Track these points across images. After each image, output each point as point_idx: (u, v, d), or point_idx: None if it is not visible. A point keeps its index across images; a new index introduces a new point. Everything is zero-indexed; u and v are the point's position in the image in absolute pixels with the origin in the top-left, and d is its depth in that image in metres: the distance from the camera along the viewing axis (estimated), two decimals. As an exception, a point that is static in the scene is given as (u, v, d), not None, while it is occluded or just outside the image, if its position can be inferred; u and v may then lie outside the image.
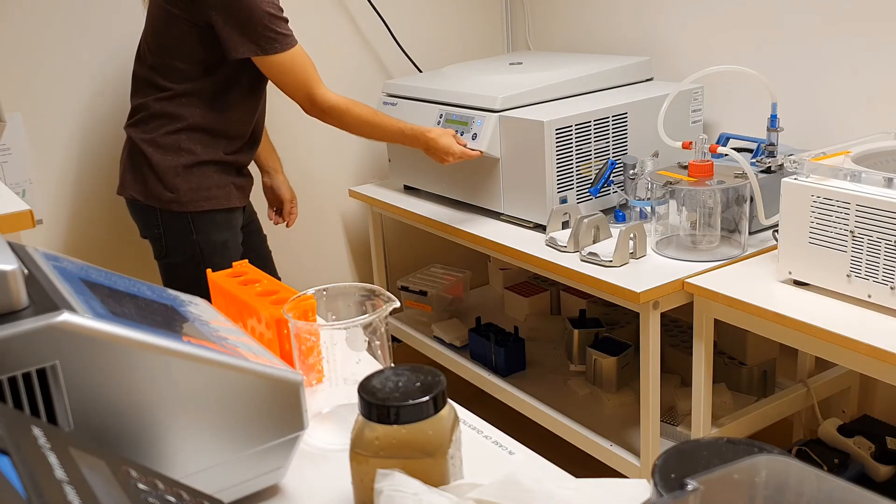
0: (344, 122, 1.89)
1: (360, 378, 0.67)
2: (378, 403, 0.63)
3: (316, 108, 1.86)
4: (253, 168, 2.08)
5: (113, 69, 2.23)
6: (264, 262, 2.19)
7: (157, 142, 1.86)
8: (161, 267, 1.96)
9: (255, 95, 1.94)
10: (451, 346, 2.45)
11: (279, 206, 2.30)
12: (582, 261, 1.81)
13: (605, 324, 2.30)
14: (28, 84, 2.14)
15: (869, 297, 1.44)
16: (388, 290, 0.83)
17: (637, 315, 1.73)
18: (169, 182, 1.86)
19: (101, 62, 2.22)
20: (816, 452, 1.84)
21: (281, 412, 0.70)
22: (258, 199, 2.20)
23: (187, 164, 1.86)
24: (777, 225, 1.60)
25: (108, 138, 2.26)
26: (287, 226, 2.30)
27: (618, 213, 2.02)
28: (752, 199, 1.74)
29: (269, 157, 2.26)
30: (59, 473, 0.44)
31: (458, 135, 2.01)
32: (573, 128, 1.94)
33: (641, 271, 1.74)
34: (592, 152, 2.00)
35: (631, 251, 1.78)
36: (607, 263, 1.76)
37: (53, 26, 2.14)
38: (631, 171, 1.96)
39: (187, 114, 1.86)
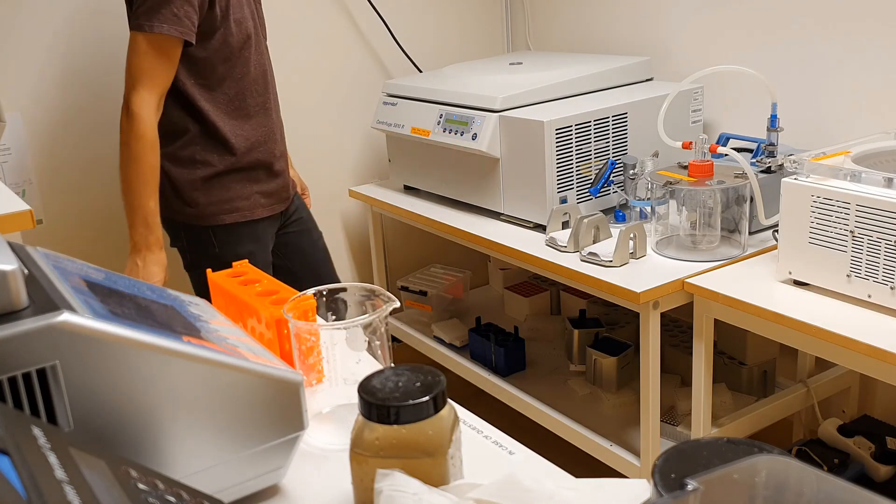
0: (128, 141, 1.67)
1: (360, 378, 0.67)
2: (378, 403, 0.63)
3: (125, 105, 1.66)
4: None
5: (113, 69, 2.23)
6: (316, 264, 2.07)
7: (173, 155, 1.80)
8: (191, 278, 1.92)
9: (243, 90, 1.82)
10: (451, 346, 2.45)
11: None
12: (582, 261, 1.81)
13: (605, 324, 2.30)
14: (28, 84, 2.14)
15: (869, 297, 1.44)
16: (388, 290, 0.83)
17: (637, 315, 1.73)
18: (188, 196, 1.80)
19: (102, 62, 2.22)
20: (816, 452, 1.84)
21: (281, 412, 0.70)
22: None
23: (206, 176, 1.80)
24: (777, 225, 1.60)
25: (107, 138, 2.26)
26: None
27: (618, 213, 2.02)
28: (752, 199, 1.74)
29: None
30: (59, 473, 0.44)
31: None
32: (573, 128, 1.94)
33: (641, 271, 1.74)
34: (592, 152, 2.00)
35: (631, 251, 1.78)
36: (607, 263, 1.76)
37: (53, 26, 2.14)
38: (631, 171, 1.96)
39: (192, 124, 1.79)
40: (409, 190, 2.47)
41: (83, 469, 0.46)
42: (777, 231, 1.62)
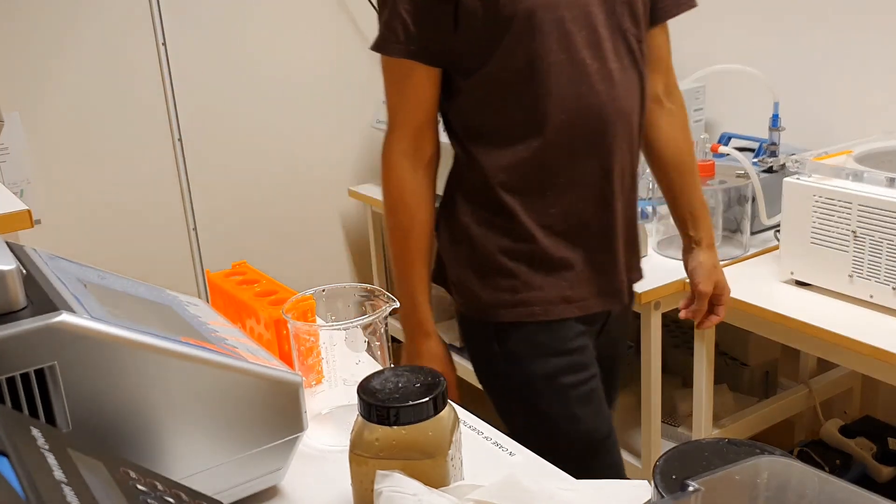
0: (384, 188, 1.26)
1: (360, 379, 0.67)
2: (378, 404, 0.63)
3: (387, 145, 1.23)
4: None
5: (112, 69, 2.23)
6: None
7: (442, 208, 1.29)
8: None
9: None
10: (451, 347, 2.44)
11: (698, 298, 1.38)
12: (583, 261, 1.81)
13: (606, 324, 2.30)
14: (27, 84, 2.14)
15: (871, 297, 1.44)
16: (387, 290, 0.83)
17: (638, 315, 1.72)
18: (453, 270, 1.27)
19: (101, 62, 2.22)
20: (818, 453, 1.83)
21: (280, 413, 0.70)
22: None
23: (470, 241, 1.23)
24: (779, 225, 1.60)
25: (107, 138, 2.26)
26: (696, 326, 1.45)
27: (619, 214, 2.02)
28: (753, 199, 1.74)
29: (687, 217, 1.37)
30: (58, 474, 0.44)
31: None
32: (574, 128, 1.94)
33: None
34: (593, 152, 1.99)
35: (632, 251, 1.78)
36: (608, 264, 1.76)
37: (53, 26, 2.14)
38: (632, 172, 1.96)
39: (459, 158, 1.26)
40: (409, 190, 2.46)
41: (82, 470, 0.46)
42: (779, 231, 1.61)
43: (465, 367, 2.34)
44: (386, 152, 1.21)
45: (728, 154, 1.73)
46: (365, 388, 0.65)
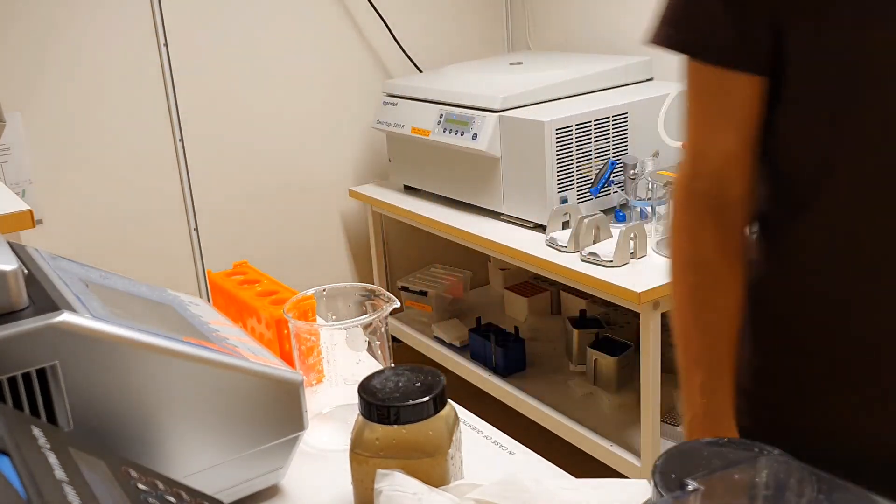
0: (677, 239, 0.88)
1: (360, 378, 0.67)
2: (378, 404, 0.63)
3: (678, 181, 0.87)
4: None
5: (114, 69, 2.23)
6: None
7: None
8: None
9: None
10: (451, 346, 2.45)
11: None
12: (582, 261, 1.81)
13: (605, 324, 2.30)
14: (28, 84, 2.14)
15: (869, 297, 1.44)
16: (388, 290, 0.83)
17: (637, 315, 1.73)
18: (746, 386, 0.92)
19: (103, 62, 2.22)
20: (817, 452, 1.83)
21: (281, 412, 0.70)
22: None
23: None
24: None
25: (108, 139, 2.26)
26: None
27: (618, 213, 2.02)
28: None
29: None
30: (59, 474, 0.44)
31: None
32: (573, 128, 1.94)
33: (642, 271, 1.74)
34: (592, 152, 2.00)
35: (631, 251, 1.78)
36: (607, 263, 1.76)
37: (54, 26, 2.14)
38: (631, 171, 1.96)
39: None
40: (409, 190, 2.47)
41: (83, 469, 0.46)
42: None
43: (464, 367, 2.35)
44: (676, 179, 0.87)
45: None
46: (365, 388, 0.65)
